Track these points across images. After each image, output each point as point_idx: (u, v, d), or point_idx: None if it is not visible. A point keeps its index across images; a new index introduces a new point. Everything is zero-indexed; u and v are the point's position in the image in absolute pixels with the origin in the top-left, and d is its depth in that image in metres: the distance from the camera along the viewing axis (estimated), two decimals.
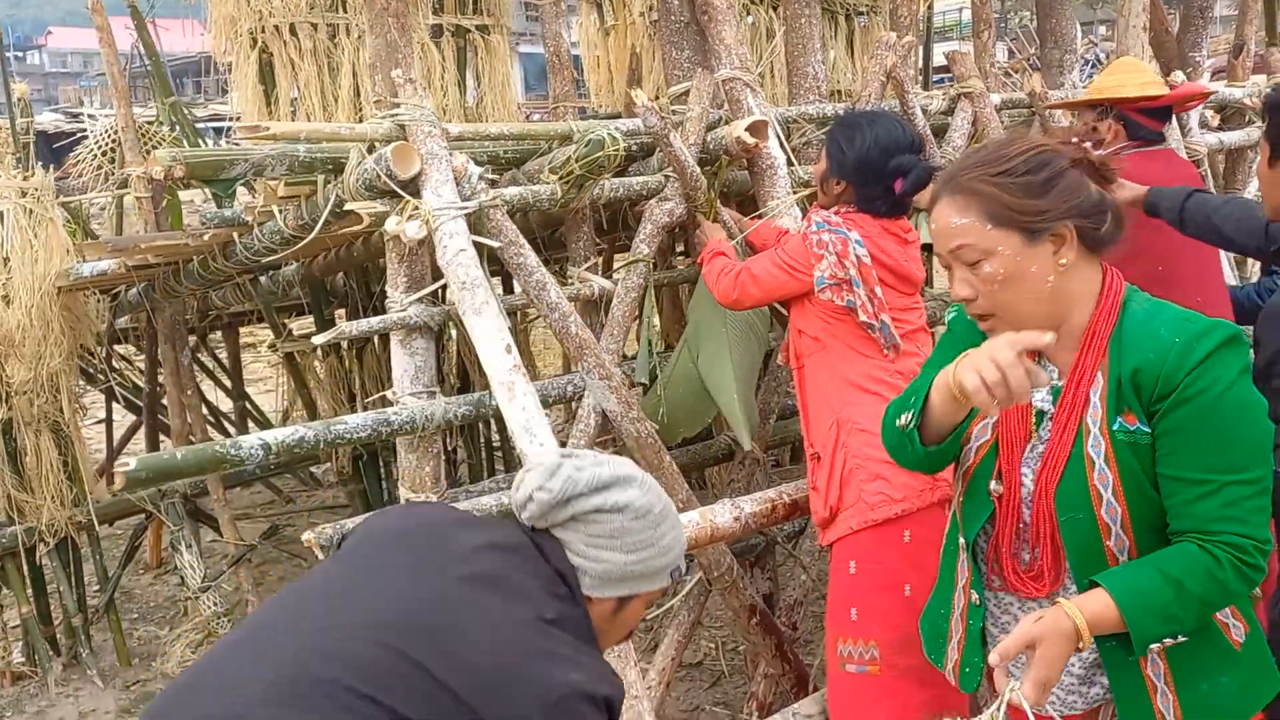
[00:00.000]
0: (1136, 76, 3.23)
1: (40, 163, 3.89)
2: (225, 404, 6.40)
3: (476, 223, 2.77)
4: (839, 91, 5.29)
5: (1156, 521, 1.56)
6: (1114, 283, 1.64)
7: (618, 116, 3.28)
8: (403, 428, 2.81)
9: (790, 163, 3.63)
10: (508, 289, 5.03)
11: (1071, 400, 1.61)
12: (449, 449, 5.12)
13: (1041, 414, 1.65)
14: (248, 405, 6.17)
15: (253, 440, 2.59)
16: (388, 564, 1.47)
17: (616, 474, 1.58)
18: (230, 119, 5.14)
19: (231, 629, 4.07)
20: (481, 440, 5.32)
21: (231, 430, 5.95)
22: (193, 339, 6.32)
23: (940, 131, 3.87)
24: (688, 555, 3.22)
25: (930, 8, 4.20)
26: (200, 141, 4.69)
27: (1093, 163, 1.61)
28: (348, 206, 2.72)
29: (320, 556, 2.84)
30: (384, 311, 2.85)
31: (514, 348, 2.66)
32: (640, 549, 1.56)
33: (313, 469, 6.04)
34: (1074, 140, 1.62)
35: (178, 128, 4.63)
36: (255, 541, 4.42)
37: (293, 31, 4.31)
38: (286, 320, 5.25)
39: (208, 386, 6.32)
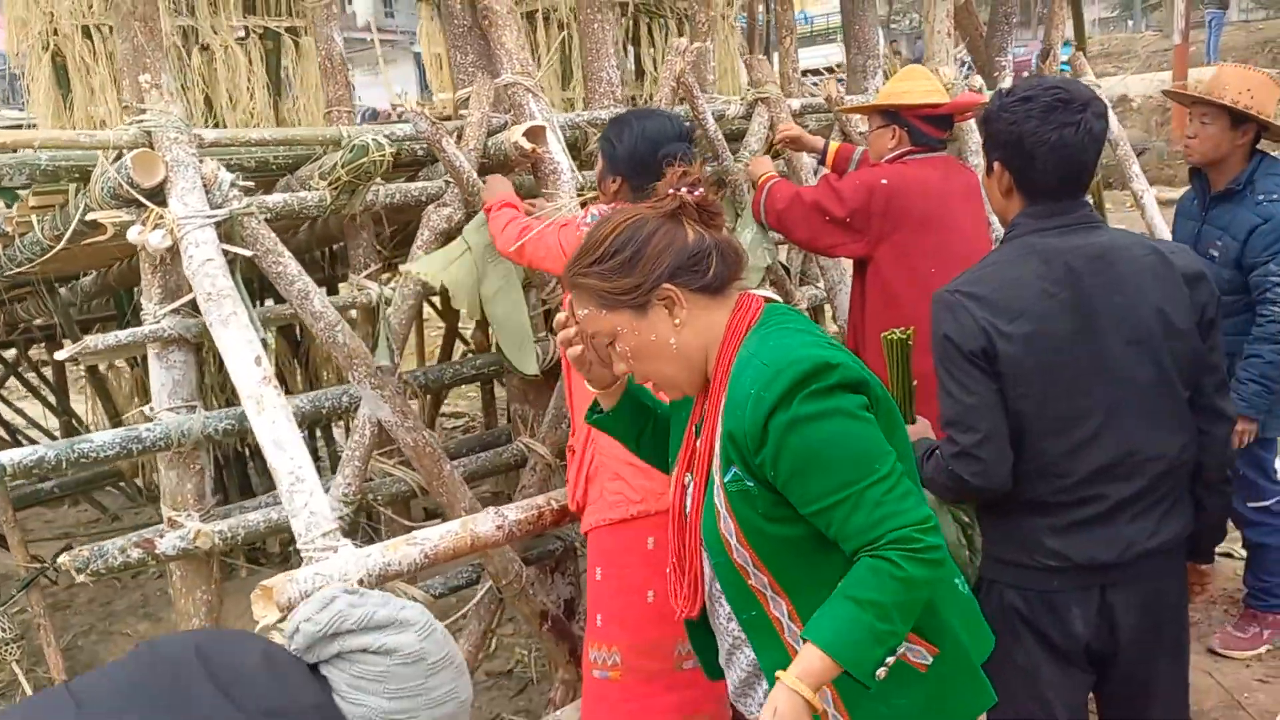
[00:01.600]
0: (922, 84, 3.31)
1: None
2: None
3: (229, 231, 2.70)
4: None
5: (792, 556, 1.60)
6: (736, 323, 1.67)
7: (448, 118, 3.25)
8: (156, 445, 2.72)
9: (575, 168, 3.65)
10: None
11: (703, 450, 1.65)
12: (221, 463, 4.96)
13: None
14: (73, 420, 5.95)
15: None
16: None
17: (394, 616, 1.46)
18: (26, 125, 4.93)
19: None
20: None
21: None
22: (12, 352, 6.08)
23: (739, 136, 3.92)
24: (474, 563, 3.23)
25: (786, 12, 4.23)
26: None
27: (692, 205, 1.64)
28: (89, 217, 2.63)
29: (78, 580, 2.75)
30: None
31: (265, 359, 2.60)
32: (405, 697, 1.43)
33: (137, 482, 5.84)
34: (670, 191, 1.65)
35: None
36: (48, 564, 4.24)
37: (86, 34, 4.15)
38: (98, 330, 5.06)
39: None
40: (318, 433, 5.21)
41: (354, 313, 3.35)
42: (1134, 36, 24.71)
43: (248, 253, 2.70)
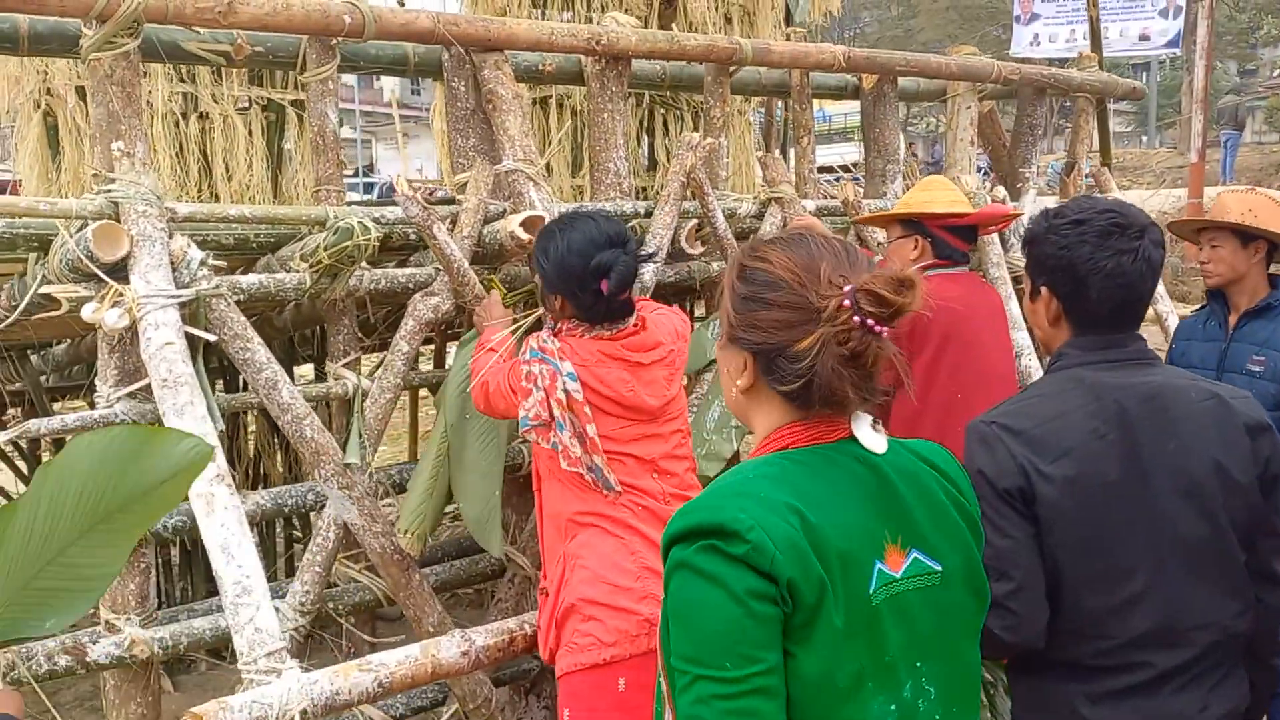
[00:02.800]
0: (945, 194, 3.16)
1: None
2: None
3: (195, 313, 2.50)
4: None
5: None
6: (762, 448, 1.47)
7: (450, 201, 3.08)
8: None
9: None
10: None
11: None
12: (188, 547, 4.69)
13: None
14: None
15: None
16: None
17: None
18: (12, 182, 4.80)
19: None
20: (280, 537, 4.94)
21: None
22: None
23: (749, 234, 3.75)
24: (440, 684, 2.95)
25: (805, 110, 4.10)
26: None
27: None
28: (43, 290, 2.43)
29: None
30: None
31: (219, 454, 2.38)
32: None
33: None
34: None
35: None
36: None
37: (80, 95, 4.02)
38: (74, 400, 4.85)
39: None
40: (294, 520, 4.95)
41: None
42: (1148, 152, 24.90)
43: (211, 337, 2.49)
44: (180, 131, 4.18)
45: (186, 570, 4.57)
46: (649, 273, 3.33)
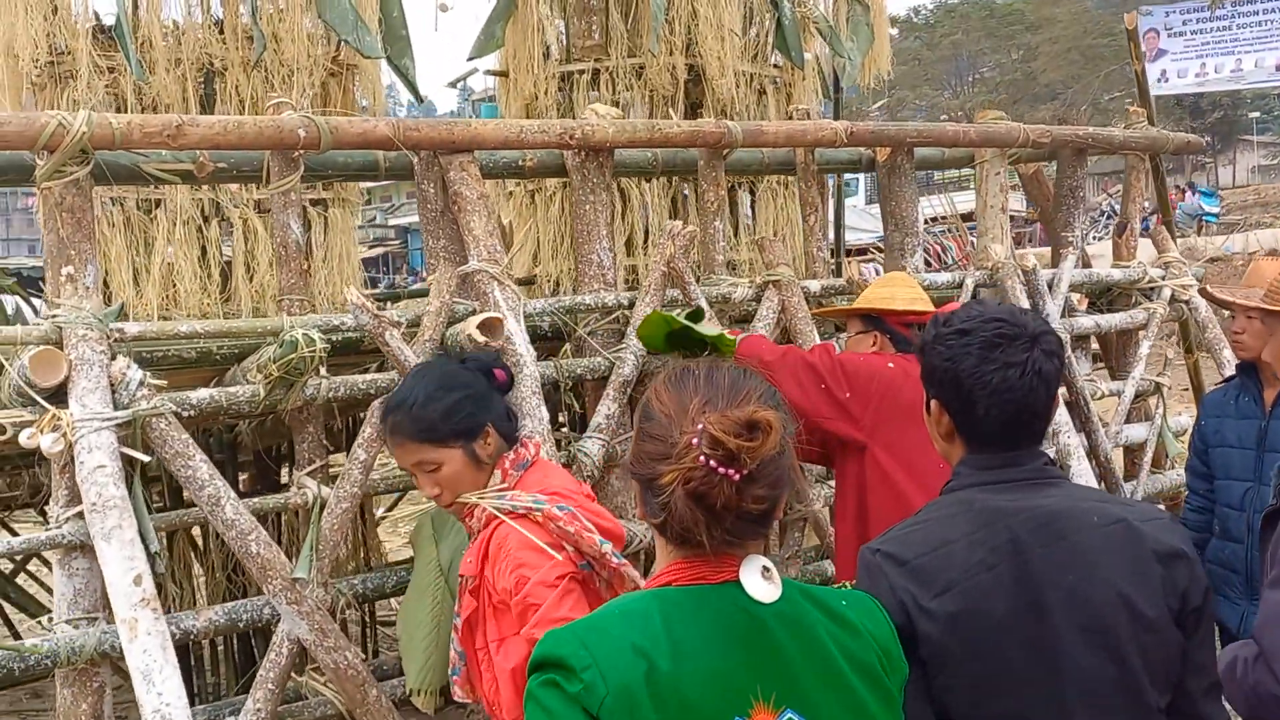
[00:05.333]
0: (906, 291, 3.05)
1: None
2: None
3: (133, 435, 2.52)
4: (732, 264, 5.08)
5: None
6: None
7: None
8: (42, 663, 2.50)
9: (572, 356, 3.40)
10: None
11: None
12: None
13: None
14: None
15: None
16: None
17: None
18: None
19: None
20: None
21: None
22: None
23: (748, 319, 3.63)
24: None
25: (810, 189, 3.99)
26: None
27: None
28: None
29: None
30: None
31: (147, 578, 2.38)
32: None
33: None
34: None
35: None
36: None
37: (114, 203, 4.19)
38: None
39: None
40: None
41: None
42: None
43: (145, 458, 2.51)
44: (203, 236, 4.31)
45: (216, 664, 4.62)
46: (629, 365, 3.25)
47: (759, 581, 1.35)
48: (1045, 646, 1.59)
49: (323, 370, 2.86)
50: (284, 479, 4.98)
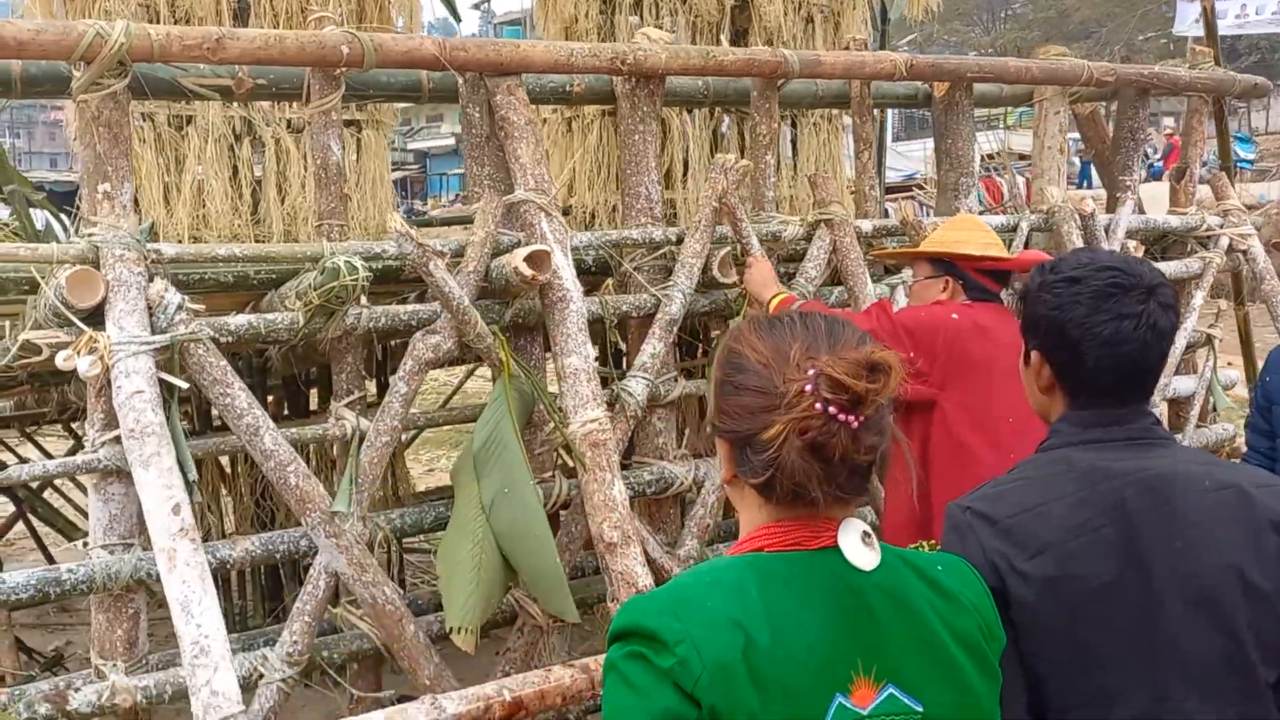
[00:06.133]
0: (979, 235, 2.88)
1: None
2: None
3: (171, 360, 2.45)
4: (787, 200, 4.92)
5: None
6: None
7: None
8: (78, 587, 2.46)
9: (619, 290, 3.30)
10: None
11: None
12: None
13: None
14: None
15: None
16: None
17: None
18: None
19: None
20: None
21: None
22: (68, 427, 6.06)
23: (798, 258, 3.51)
24: None
25: (865, 124, 3.84)
26: (28, 220, 4.42)
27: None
28: (22, 336, 2.42)
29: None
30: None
31: (184, 508, 2.32)
32: None
33: None
34: None
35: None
36: (33, 672, 4.06)
37: (145, 118, 4.07)
38: None
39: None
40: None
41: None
42: None
43: (184, 384, 2.43)
44: (234, 155, 4.19)
45: (244, 588, 4.61)
46: (676, 303, 3.14)
47: (859, 547, 1.26)
48: (1148, 617, 1.50)
49: (363, 299, 2.78)
50: (312, 406, 4.93)
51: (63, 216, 5.09)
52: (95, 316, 2.44)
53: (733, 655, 1.17)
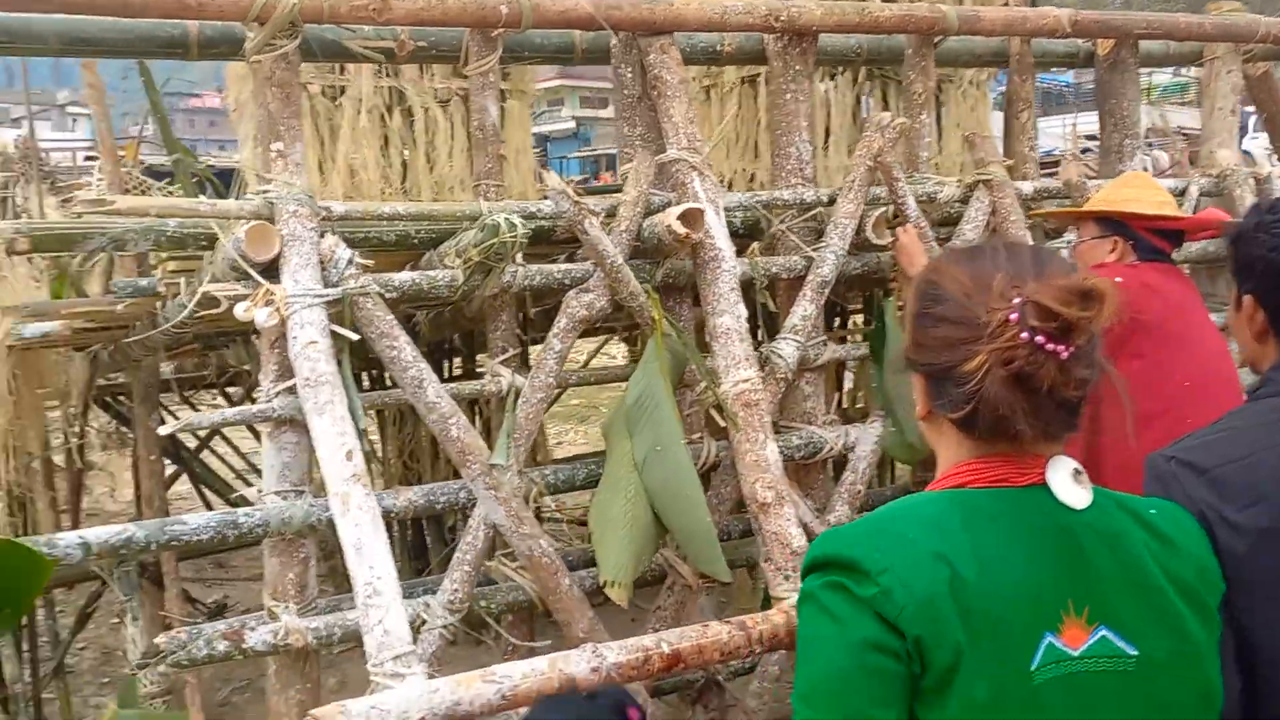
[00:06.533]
0: (1151, 193, 2.75)
1: None
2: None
3: (343, 313, 2.52)
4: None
5: None
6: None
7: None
8: (254, 531, 2.57)
9: (770, 250, 3.26)
10: None
11: None
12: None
13: None
14: None
15: (70, 538, 2.40)
16: None
17: None
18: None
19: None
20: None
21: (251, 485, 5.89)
22: (238, 390, 6.34)
23: (953, 221, 3.41)
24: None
25: (1025, 83, 3.72)
26: (200, 195, 4.63)
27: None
28: (203, 289, 2.52)
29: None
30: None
31: (358, 454, 2.39)
32: None
33: None
34: None
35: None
36: (198, 620, 4.26)
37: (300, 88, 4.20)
38: None
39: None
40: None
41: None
42: None
43: (354, 336, 2.50)
44: (385, 125, 4.29)
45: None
46: (828, 265, 3.09)
47: (1069, 485, 1.21)
48: None
49: (518, 258, 2.81)
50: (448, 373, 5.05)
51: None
52: (270, 271, 2.53)
53: (939, 588, 1.14)
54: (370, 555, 2.29)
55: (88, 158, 11.91)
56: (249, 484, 6.03)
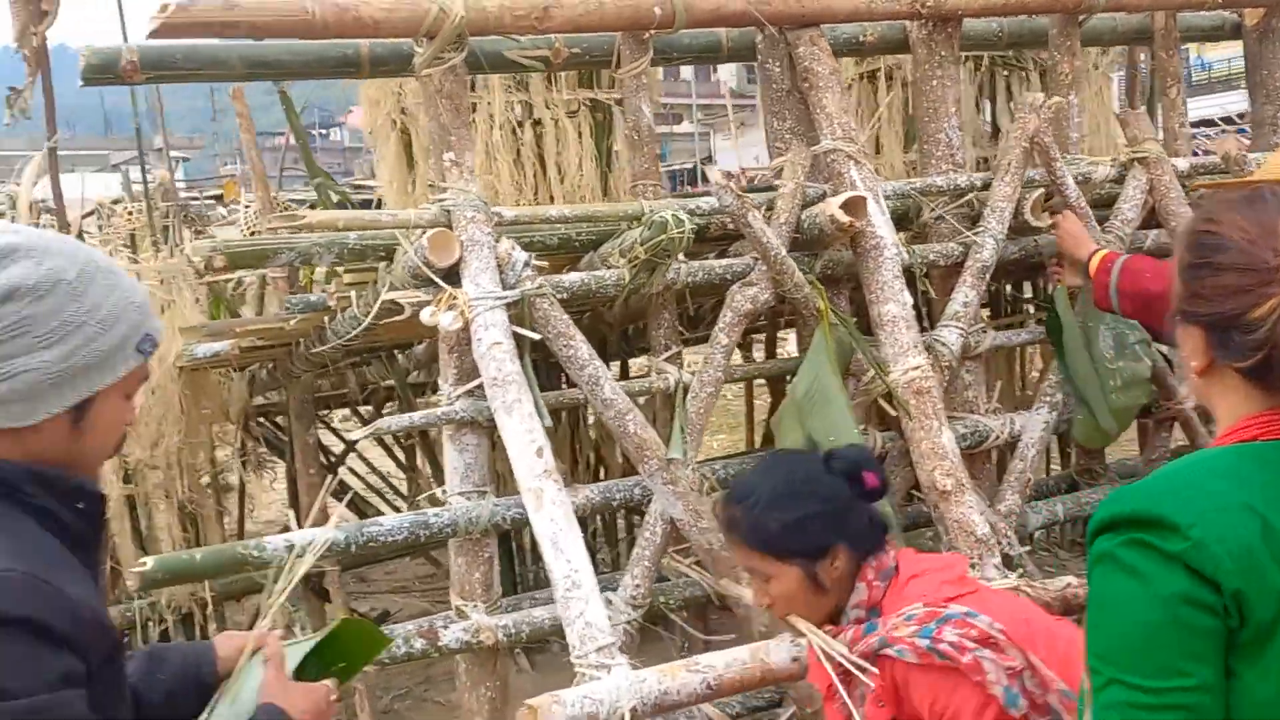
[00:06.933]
0: None
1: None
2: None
3: (521, 313, 2.57)
4: None
5: None
6: None
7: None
8: (443, 531, 2.63)
9: (920, 238, 3.24)
10: None
11: None
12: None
13: None
14: (419, 481, 6.27)
15: (277, 542, 2.48)
16: None
17: None
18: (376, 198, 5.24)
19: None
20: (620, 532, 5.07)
21: (399, 504, 6.03)
22: (368, 409, 6.51)
23: (1109, 203, 3.34)
24: (778, 689, 2.87)
25: (1172, 58, 3.65)
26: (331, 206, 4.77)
27: None
28: (386, 296, 2.60)
29: None
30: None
31: (547, 450, 2.43)
32: (68, 333, 1.17)
33: None
34: None
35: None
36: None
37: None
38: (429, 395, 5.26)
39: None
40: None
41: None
42: None
43: (536, 336, 2.55)
44: (517, 138, 4.38)
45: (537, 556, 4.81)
46: (988, 249, 3.06)
47: None
48: None
49: (679, 256, 2.84)
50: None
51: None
52: (449, 276, 2.60)
53: (1253, 540, 1.11)
54: (567, 549, 2.33)
55: (209, 196, 12.41)
56: (386, 500, 6.18)
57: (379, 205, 4.93)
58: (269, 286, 4.49)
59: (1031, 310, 4.86)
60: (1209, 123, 11.30)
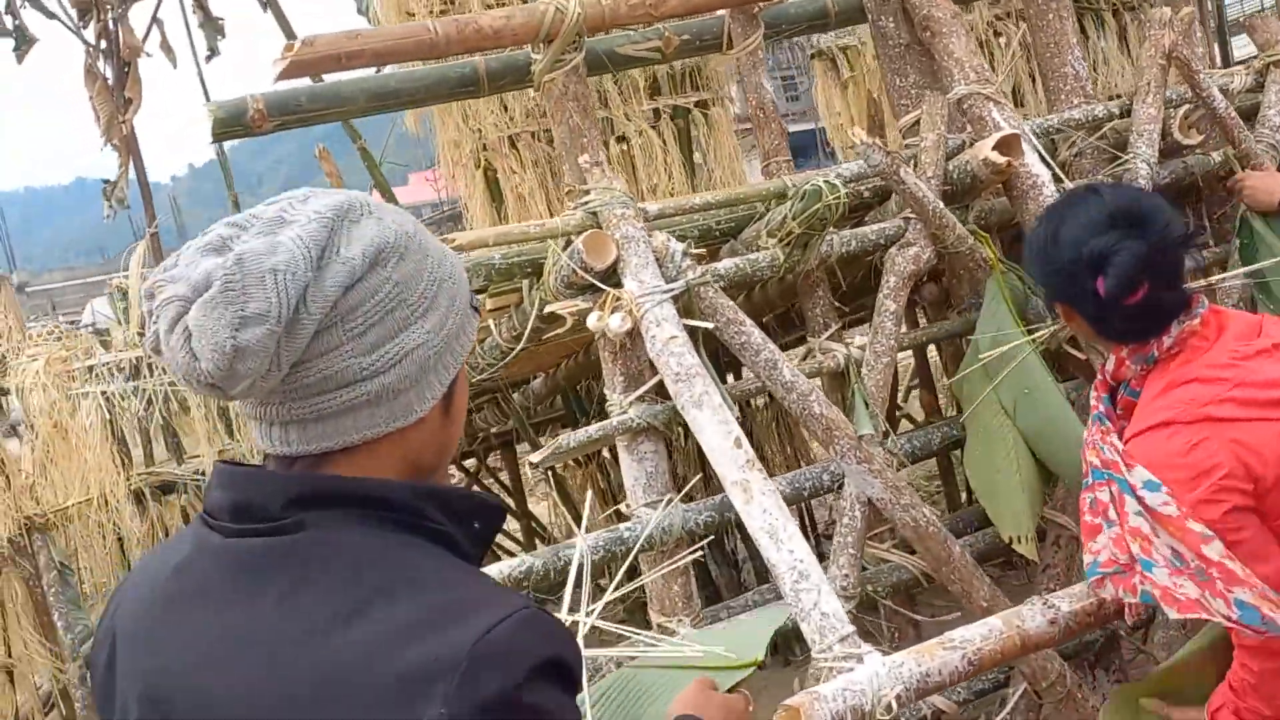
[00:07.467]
0: None
1: None
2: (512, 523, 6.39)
3: (686, 305, 2.45)
4: (1115, 97, 4.59)
5: None
6: None
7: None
8: (639, 544, 2.49)
9: (1058, 178, 3.09)
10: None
11: None
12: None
13: None
14: (532, 524, 6.14)
15: (514, 563, 2.38)
16: None
17: (327, 221, 0.91)
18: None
19: None
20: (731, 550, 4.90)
21: (516, 549, 5.91)
22: (472, 461, 6.42)
23: (1250, 114, 3.18)
24: (1005, 667, 2.69)
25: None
26: None
27: None
28: (548, 309, 2.49)
29: None
30: None
31: (744, 441, 2.29)
32: (435, 298, 0.96)
33: None
34: None
35: None
36: None
37: (512, 144, 4.25)
38: (550, 433, 5.15)
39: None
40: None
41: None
42: None
43: (709, 325, 2.43)
44: (606, 155, 4.29)
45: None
46: (1142, 175, 2.90)
47: None
48: None
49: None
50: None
51: None
52: (606, 279, 2.49)
53: None
54: (788, 539, 2.18)
55: None
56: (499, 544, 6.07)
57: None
58: None
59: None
60: None
